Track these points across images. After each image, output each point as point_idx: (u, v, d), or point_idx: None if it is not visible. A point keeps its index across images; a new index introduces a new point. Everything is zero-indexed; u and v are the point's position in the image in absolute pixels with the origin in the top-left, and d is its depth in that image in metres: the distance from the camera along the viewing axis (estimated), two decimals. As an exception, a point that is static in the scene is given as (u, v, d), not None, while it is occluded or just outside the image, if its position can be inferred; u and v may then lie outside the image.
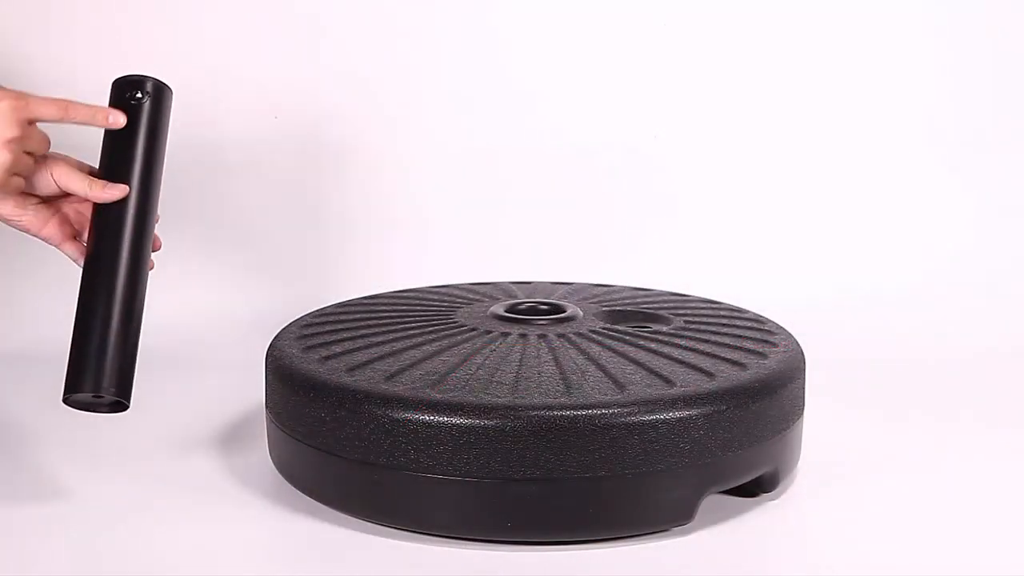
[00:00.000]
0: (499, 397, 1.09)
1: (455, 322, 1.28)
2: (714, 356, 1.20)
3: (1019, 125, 1.90)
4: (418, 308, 1.36)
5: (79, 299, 1.15)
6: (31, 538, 1.13)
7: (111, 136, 1.18)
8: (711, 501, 1.13)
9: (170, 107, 1.21)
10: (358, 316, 1.33)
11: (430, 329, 1.26)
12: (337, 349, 1.22)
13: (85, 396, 1.12)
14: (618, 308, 1.34)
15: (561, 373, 1.13)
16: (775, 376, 1.17)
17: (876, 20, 1.90)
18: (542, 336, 1.23)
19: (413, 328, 1.27)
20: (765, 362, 1.19)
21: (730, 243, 1.89)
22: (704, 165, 1.90)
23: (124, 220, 1.16)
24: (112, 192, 1.16)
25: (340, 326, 1.30)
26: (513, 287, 1.45)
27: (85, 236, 1.18)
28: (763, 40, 1.89)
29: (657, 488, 1.09)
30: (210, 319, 1.76)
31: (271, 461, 1.24)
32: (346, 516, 1.14)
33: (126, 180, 1.16)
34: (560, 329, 1.25)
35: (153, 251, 1.19)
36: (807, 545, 1.16)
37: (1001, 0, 1.90)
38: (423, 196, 1.88)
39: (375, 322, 1.31)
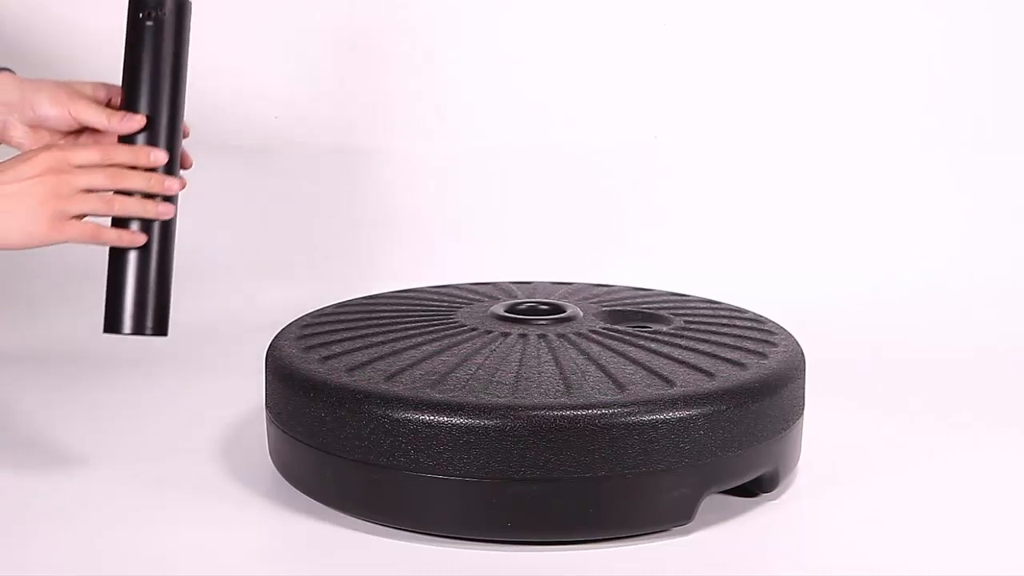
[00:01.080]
0: (499, 397, 1.09)
1: (455, 322, 1.28)
2: (714, 356, 1.20)
3: (1019, 125, 1.90)
4: (418, 308, 1.35)
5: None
6: (31, 538, 1.13)
7: (129, 60, 1.16)
8: (711, 501, 1.13)
9: (190, 20, 1.18)
10: (358, 316, 1.33)
11: (430, 329, 1.26)
12: (337, 349, 1.22)
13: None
14: (618, 308, 1.34)
15: (561, 373, 1.13)
16: (775, 376, 1.17)
17: (876, 20, 1.90)
18: (542, 336, 1.23)
19: (413, 328, 1.27)
20: (765, 362, 1.19)
21: (730, 243, 1.89)
22: (704, 165, 1.90)
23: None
24: (130, 124, 1.16)
25: (340, 326, 1.30)
26: (513, 287, 1.45)
27: None
28: (763, 40, 1.89)
29: (657, 488, 1.09)
30: (210, 319, 1.76)
31: (271, 461, 1.24)
32: (346, 516, 1.14)
33: (148, 105, 1.15)
34: (560, 329, 1.25)
35: (183, 169, 1.19)
36: (807, 545, 1.16)
37: (1002, 0, 1.90)
38: (423, 196, 1.88)
39: (375, 322, 1.31)
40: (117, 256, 1.16)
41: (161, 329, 1.16)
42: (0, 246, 1.12)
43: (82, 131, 1.20)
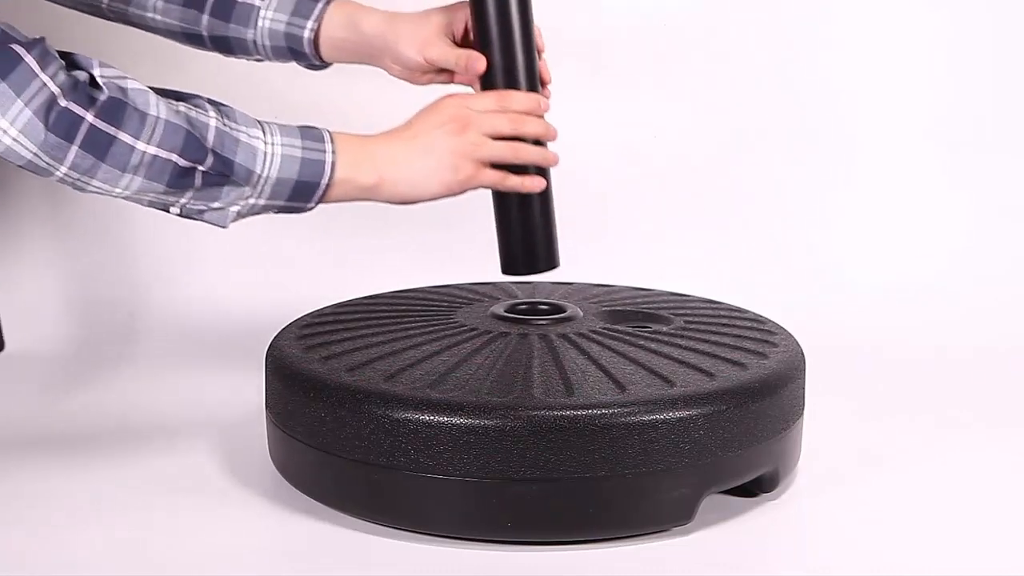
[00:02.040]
0: (499, 397, 1.09)
1: (455, 322, 1.28)
2: (714, 356, 1.20)
3: (1019, 125, 1.90)
4: (418, 308, 1.35)
5: None
6: (31, 538, 1.13)
7: (475, 5, 1.21)
8: (711, 501, 1.13)
9: None
10: (358, 316, 1.33)
11: (430, 329, 1.26)
12: (337, 349, 1.22)
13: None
14: (618, 308, 1.34)
15: (561, 373, 1.13)
16: (775, 376, 1.17)
17: (877, 20, 1.90)
18: (542, 336, 1.23)
19: (413, 328, 1.27)
20: (765, 362, 1.19)
21: (730, 243, 1.89)
22: (704, 165, 1.90)
23: (506, 84, 1.21)
24: (476, 64, 1.21)
25: (340, 326, 1.30)
26: (513, 287, 1.45)
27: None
28: (763, 40, 1.89)
29: (657, 488, 1.09)
30: (210, 319, 1.76)
31: (271, 461, 1.24)
32: (346, 516, 1.14)
33: (500, 50, 1.20)
34: (560, 329, 1.25)
35: (543, 85, 1.25)
36: (807, 545, 1.16)
37: (1002, 1, 1.90)
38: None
39: (375, 322, 1.31)
40: (507, 202, 1.21)
41: (552, 263, 1.23)
42: (419, 197, 1.18)
43: (439, 69, 1.27)
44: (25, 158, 1.03)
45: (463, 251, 1.84)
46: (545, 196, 1.22)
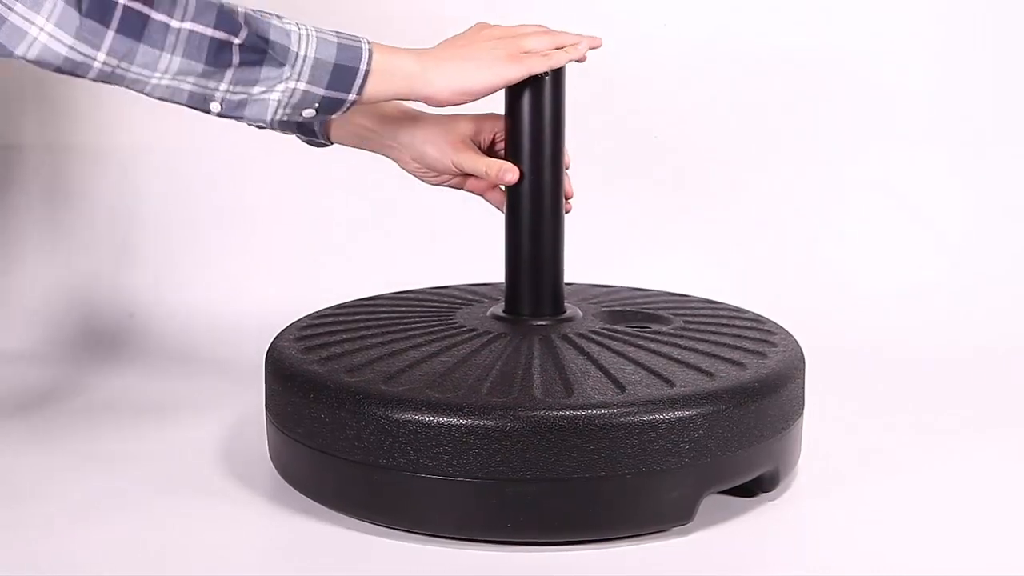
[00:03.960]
0: (499, 397, 1.09)
1: (455, 323, 1.28)
2: (714, 356, 1.20)
3: (1019, 125, 1.90)
4: (418, 309, 1.35)
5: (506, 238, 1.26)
6: (30, 538, 1.13)
7: (511, 115, 1.22)
8: (711, 501, 1.13)
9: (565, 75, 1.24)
10: (358, 317, 1.33)
11: (430, 330, 1.26)
12: (337, 350, 1.22)
13: None
14: (618, 308, 1.34)
15: (561, 373, 1.13)
16: (775, 376, 1.17)
17: (877, 18, 1.90)
18: (542, 336, 1.23)
19: (413, 329, 1.27)
20: (765, 362, 1.19)
21: (730, 243, 1.89)
22: (704, 165, 1.90)
23: (532, 197, 1.24)
24: (508, 175, 1.22)
25: (340, 327, 1.30)
26: (513, 288, 1.44)
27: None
28: (762, 39, 1.89)
29: (657, 488, 1.09)
30: (210, 319, 1.76)
31: (271, 461, 1.24)
32: (346, 516, 1.14)
33: (530, 162, 1.22)
34: (560, 329, 1.25)
35: (567, 199, 1.27)
36: (807, 545, 1.16)
37: (1002, 1, 1.90)
38: (423, 196, 1.87)
39: (375, 323, 1.31)
40: (518, 249, 1.24)
41: (558, 311, 1.26)
42: (470, 84, 1.17)
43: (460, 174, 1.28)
44: (61, 55, 1.03)
45: (462, 252, 1.84)
46: (556, 246, 1.25)
